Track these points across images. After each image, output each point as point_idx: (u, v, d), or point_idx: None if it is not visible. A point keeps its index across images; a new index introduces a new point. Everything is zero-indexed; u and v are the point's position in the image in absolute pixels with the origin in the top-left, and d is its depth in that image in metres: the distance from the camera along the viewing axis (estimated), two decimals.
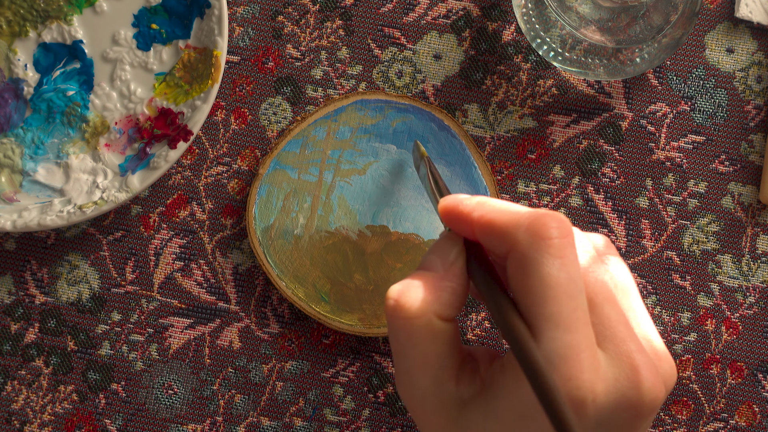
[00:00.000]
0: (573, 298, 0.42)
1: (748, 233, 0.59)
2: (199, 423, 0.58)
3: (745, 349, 0.58)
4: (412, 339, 0.43)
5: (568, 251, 0.42)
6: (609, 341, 0.43)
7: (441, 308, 0.43)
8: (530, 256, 0.42)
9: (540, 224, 0.42)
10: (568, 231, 0.42)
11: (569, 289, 0.42)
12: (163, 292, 0.58)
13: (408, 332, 0.43)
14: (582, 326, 0.42)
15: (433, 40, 0.59)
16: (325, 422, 0.58)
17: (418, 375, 0.44)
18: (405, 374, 0.44)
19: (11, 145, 0.57)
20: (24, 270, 0.58)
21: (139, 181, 0.56)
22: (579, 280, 0.42)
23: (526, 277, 0.42)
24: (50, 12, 0.57)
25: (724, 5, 0.59)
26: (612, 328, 0.43)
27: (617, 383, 0.42)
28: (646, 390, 0.42)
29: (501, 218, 0.43)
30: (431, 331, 0.43)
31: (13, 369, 0.58)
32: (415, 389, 0.44)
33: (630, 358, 0.43)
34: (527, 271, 0.42)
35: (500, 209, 0.44)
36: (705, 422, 0.58)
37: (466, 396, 0.44)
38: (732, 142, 0.59)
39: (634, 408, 0.42)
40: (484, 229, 0.43)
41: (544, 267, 0.42)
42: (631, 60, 0.55)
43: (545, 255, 0.42)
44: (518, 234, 0.42)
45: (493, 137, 0.59)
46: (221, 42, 0.56)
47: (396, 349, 0.44)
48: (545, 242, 0.42)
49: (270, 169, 0.57)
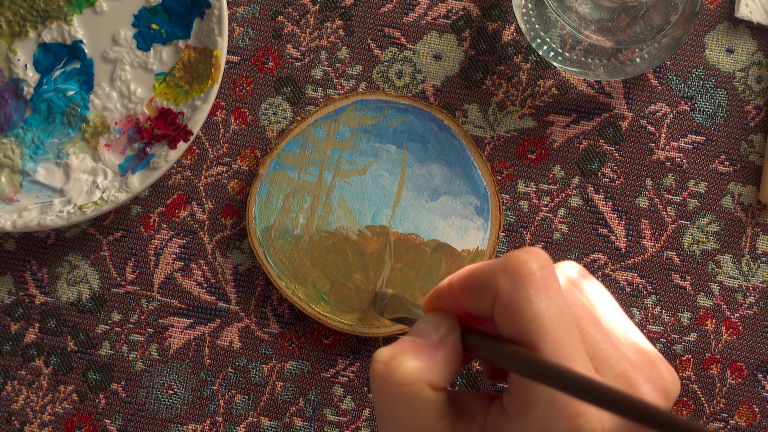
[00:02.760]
0: (567, 331, 0.41)
1: (748, 233, 0.59)
2: (199, 423, 0.58)
3: (745, 349, 0.58)
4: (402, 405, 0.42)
5: (552, 282, 0.41)
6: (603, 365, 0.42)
7: (434, 377, 0.42)
8: (516, 297, 0.41)
9: (516, 261, 0.41)
10: (546, 261, 0.42)
11: (562, 323, 0.41)
12: (163, 292, 0.58)
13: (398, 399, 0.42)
14: (580, 357, 0.41)
15: (433, 40, 0.59)
16: (325, 422, 0.58)
17: None
18: None
19: (11, 145, 0.57)
20: (24, 270, 0.58)
21: (139, 181, 0.56)
22: (567, 310, 0.41)
23: (516, 320, 0.41)
24: (50, 12, 0.57)
25: (724, 5, 0.59)
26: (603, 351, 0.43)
27: None
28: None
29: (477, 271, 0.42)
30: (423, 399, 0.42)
31: (13, 369, 0.58)
32: None
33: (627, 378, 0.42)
34: (517, 312, 0.41)
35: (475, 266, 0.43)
36: (705, 422, 0.58)
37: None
38: (732, 142, 0.59)
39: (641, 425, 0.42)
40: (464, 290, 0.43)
41: (533, 304, 0.41)
42: (631, 60, 0.55)
43: (531, 291, 0.41)
44: (499, 279, 0.41)
45: (493, 137, 0.59)
46: (221, 42, 0.56)
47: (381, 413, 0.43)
48: (527, 278, 0.41)
49: (270, 169, 0.57)
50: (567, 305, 0.41)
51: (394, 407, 0.42)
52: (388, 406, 0.43)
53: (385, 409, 0.43)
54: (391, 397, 0.42)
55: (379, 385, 0.42)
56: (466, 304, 0.43)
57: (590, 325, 0.43)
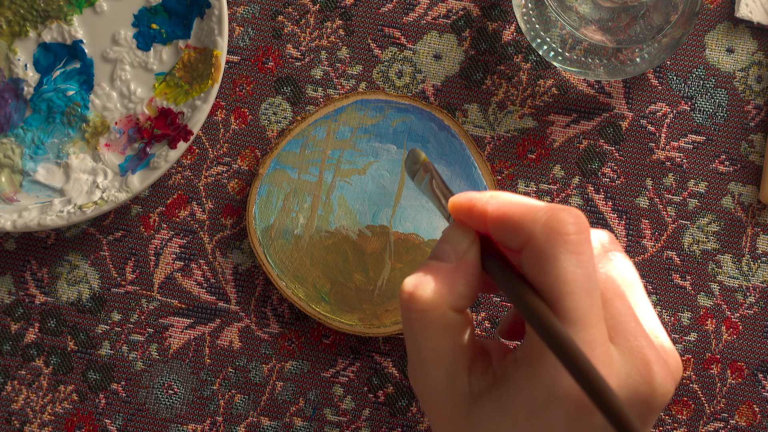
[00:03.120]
0: (589, 295, 0.42)
1: (748, 233, 0.59)
2: (199, 423, 0.58)
3: (746, 349, 0.58)
4: (426, 331, 0.43)
5: (585, 247, 0.42)
6: (621, 336, 0.43)
7: (455, 300, 0.43)
8: (547, 252, 0.42)
9: (557, 219, 0.42)
10: (585, 227, 0.42)
11: (586, 286, 0.42)
12: (163, 292, 0.58)
13: (422, 325, 0.43)
14: (597, 322, 0.42)
15: (433, 40, 0.59)
16: (325, 422, 0.58)
17: (431, 367, 0.44)
18: (418, 366, 0.44)
19: (11, 145, 0.57)
20: (24, 270, 0.58)
21: (139, 181, 0.56)
22: (595, 276, 0.42)
23: (542, 272, 0.42)
24: (50, 12, 0.57)
25: (724, 5, 0.59)
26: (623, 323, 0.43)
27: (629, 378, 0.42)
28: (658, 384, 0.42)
29: (517, 212, 0.43)
30: (445, 323, 0.43)
31: (13, 369, 0.58)
32: (427, 382, 0.44)
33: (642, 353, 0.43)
34: (544, 266, 0.42)
35: (515, 202, 0.43)
36: (705, 422, 0.58)
37: (478, 390, 0.44)
38: (732, 142, 0.59)
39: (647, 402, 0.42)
40: (499, 223, 0.43)
41: (562, 263, 0.41)
42: (631, 60, 0.55)
43: (562, 251, 0.42)
44: (535, 229, 0.42)
45: (493, 137, 0.59)
46: (221, 42, 0.56)
47: (410, 341, 0.44)
48: (562, 238, 0.42)
49: (270, 169, 0.57)
50: (595, 272, 0.42)
51: (421, 334, 0.44)
52: (416, 334, 0.44)
53: (413, 337, 0.44)
54: (417, 323, 0.44)
55: (406, 312, 0.44)
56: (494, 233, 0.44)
57: (615, 296, 0.44)
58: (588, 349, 0.41)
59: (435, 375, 0.44)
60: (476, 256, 0.44)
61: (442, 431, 0.45)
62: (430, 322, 0.43)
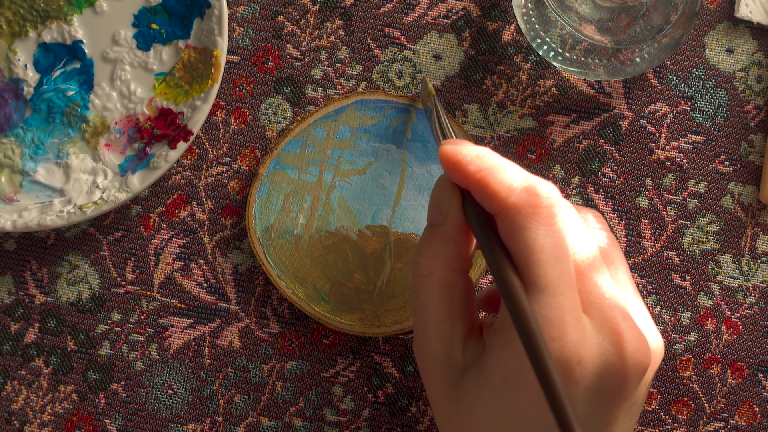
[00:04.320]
0: (559, 263, 0.42)
1: (748, 233, 0.59)
2: (199, 423, 0.58)
3: (746, 349, 0.58)
4: (428, 294, 0.46)
5: (555, 219, 0.43)
6: (594, 307, 0.43)
7: (452, 260, 0.45)
8: (518, 222, 0.43)
9: (530, 192, 0.43)
10: (556, 199, 0.43)
11: (555, 254, 0.42)
12: (163, 292, 0.58)
13: (424, 289, 0.46)
14: (567, 290, 0.42)
15: (433, 40, 0.59)
16: (325, 422, 0.58)
17: (431, 335, 0.46)
18: (421, 334, 0.46)
19: (11, 145, 0.57)
20: (24, 270, 0.58)
21: (139, 181, 0.56)
22: (565, 246, 0.43)
23: (513, 242, 0.43)
24: (50, 12, 0.57)
25: (724, 5, 0.59)
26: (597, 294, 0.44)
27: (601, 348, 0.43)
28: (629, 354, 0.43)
29: (494, 180, 0.44)
30: (445, 285, 0.45)
31: (13, 369, 0.58)
32: (428, 351, 0.46)
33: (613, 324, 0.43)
34: (515, 236, 0.43)
35: (496, 168, 0.45)
36: (705, 422, 0.58)
37: (469, 362, 0.45)
38: (732, 142, 0.59)
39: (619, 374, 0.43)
40: (477, 188, 0.45)
41: (531, 232, 0.43)
42: (631, 60, 0.55)
43: (533, 221, 0.43)
44: (508, 199, 0.43)
45: (493, 137, 0.59)
46: (221, 42, 0.56)
47: (415, 309, 0.47)
48: (533, 210, 0.43)
49: (270, 169, 0.57)
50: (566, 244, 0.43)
51: (424, 297, 0.46)
52: (420, 299, 0.46)
53: (418, 303, 0.47)
54: (421, 289, 0.46)
55: (413, 282, 0.47)
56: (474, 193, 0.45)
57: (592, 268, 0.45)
58: (557, 316, 0.41)
59: (434, 344, 0.46)
60: (458, 210, 0.46)
61: (435, 399, 0.46)
62: (432, 285, 0.45)
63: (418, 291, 0.46)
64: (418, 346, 0.47)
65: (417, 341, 0.47)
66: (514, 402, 0.43)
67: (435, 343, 0.46)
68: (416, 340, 0.47)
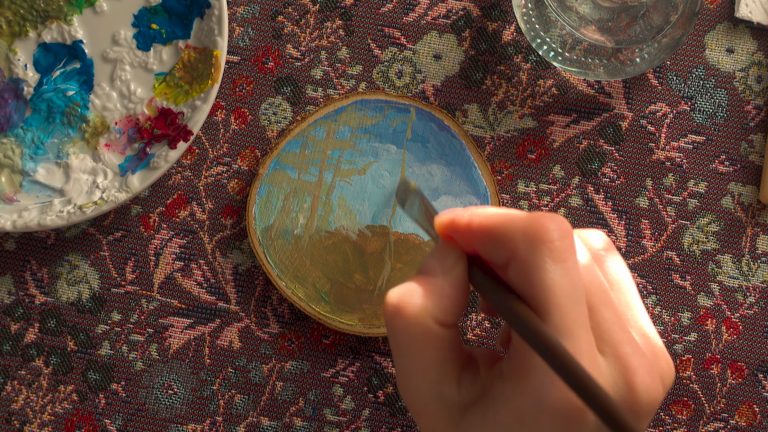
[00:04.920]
0: (576, 305, 0.41)
1: (748, 233, 0.59)
2: (199, 423, 0.58)
3: (746, 349, 0.58)
4: (412, 344, 0.43)
5: (569, 254, 0.42)
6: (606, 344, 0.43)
7: (440, 314, 0.43)
8: (532, 262, 0.41)
9: (538, 226, 0.42)
10: (567, 232, 0.42)
11: (572, 296, 0.41)
12: (163, 292, 0.58)
13: (407, 337, 0.43)
14: (584, 332, 0.41)
15: (433, 40, 0.59)
16: (325, 422, 0.58)
17: (418, 380, 0.44)
18: (406, 378, 0.44)
19: (11, 145, 0.57)
20: (24, 270, 0.58)
21: (139, 181, 0.56)
22: (581, 285, 0.42)
23: (528, 285, 0.41)
24: (50, 12, 0.57)
25: (724, 5, 0.59)
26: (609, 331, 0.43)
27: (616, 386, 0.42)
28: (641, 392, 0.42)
29: (497, 222, 0.42)
30: (430, 337, 0.43)
31: (13, 369, 0.58)
32: (416, 393, 0.44)
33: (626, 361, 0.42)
34: (530, 278, 0.41)
35: (496, 214, 0.43)
36: (705, 422, 0.58)
37: (467, 400, 0.43)
38: (732, 142, 0.59)
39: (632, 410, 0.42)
40: (482, 237, 0.43)
41: (548, 273, 0.41)
42: (631, 60, 0.55)
43: (547, 260, 0.41)
44: (516, 238, 0.42)
45: (493, 137, 0.59)
46: (221, 42, 0.56)
47: (396, 354, 0.44)
48: (546, 246, 0.41)
49: (270, 169, 0.57)
50: (580, 279, 0.42)
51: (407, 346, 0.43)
52: (401, 346, 0.43)
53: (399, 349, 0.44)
54: (403, 336, 0.43)
55: (391, 326, 0.43)
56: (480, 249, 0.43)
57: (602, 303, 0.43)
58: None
59: (423, 387, 0.43)
60: (463, 270, 0.44)
61: None
62: (415, 335, 0.43)
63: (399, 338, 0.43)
64: (404, 389, 0.44)
65: (403, 384, 0.44)
66: None
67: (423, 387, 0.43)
68: (401, 383, 0.44)
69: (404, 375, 0.44)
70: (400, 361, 0.44)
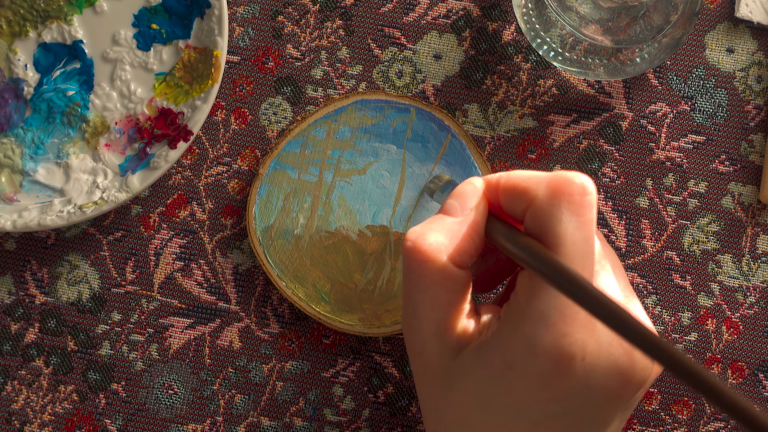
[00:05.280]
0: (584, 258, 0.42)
1: (748, 233, 0.59)
2: (199, 423, 0.58)
3: (746, 349, 0.58)
4: (425, 281, 0.44)
5: (587, 210, 0.42)
6: None
7: (457, 254, 0.44)
8: (549, 211, 0.42)
9: (562, 179, 0.42)
10: (590, 189, 0.42)
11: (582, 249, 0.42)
12: (163, 292, 0.58)
13: (422, 275, 0.44)
14: None
15: (433, 40, 0.59)
16: (325, 422, 0.58)
17: (423, 319, 0.44)
18: (412, 318, 0.45)
19: (11, 145, 0.57)
20: (24, 270, 0.58)
21: (139, 181, 0.56)
22: (593, 243, 0.42)
23: (542, 232, 0.42)
24: (50, 12, 0.57)
25: (724, 5, 0.59)
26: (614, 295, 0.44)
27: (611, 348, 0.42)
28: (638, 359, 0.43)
29: (524, 177, 0.43)
30: (444, 276, 0.44)
31: (13, 369, 0.58)
32: (419, 334, 0.44)
33: None
34: (545, 225, 0.42)
35: (525, 172, 0.44)
36: (705, 422, 0.58)
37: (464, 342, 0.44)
38: (732, 142, 0.59)
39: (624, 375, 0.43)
40: (508, 191, 0.44)
41: (562, 223, 0.41)
42: (631, 60, 0.55)
43: (564, 212, 0.42)
44: (539, 190, 0.42)
45: (493, 137, 0.59)
46: (221, 42, 0.56)
47: (408, 292, 0.45)
48: (565, 197, 0.42)
49: (270, 169, 0.57)
50: (593, 237, 0.42)
51: (419, 284, 0.44)
52: (414, 284, 0.44)
53: (411, 287, 0.44)
54: (417, 275, 0.44)
55: (407, 262, 0.44)
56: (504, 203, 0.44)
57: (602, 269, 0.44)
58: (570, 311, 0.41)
59: (427, 328, 0.44)
60: (483, 214, 0.45)
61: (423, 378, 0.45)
62: (430, 273, 0.44)
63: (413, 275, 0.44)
64: (408, 330, 0.45)
65: (408, 325, 0.45)
66: (512, 389, 0.42)
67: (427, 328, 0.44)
68: (406, 323, 0.45)
69: (411, 313, 0.45)
70: (409, 299, 0.45)
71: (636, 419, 0.58)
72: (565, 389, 0.42)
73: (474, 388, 0.43)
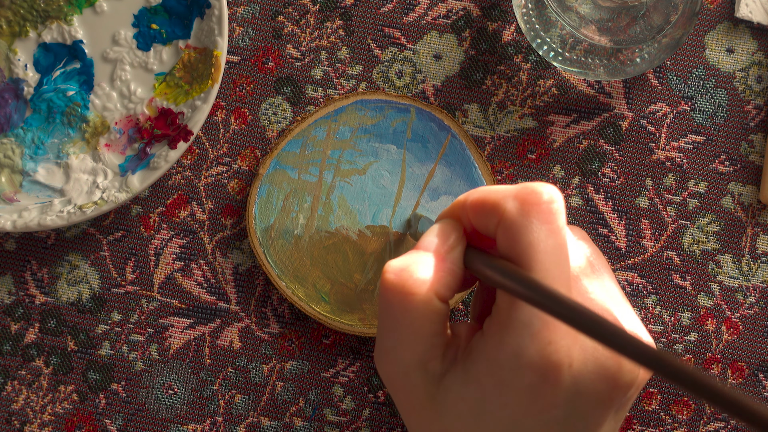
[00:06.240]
0: (558, 266, 0.42)
1: (748, 233, 0.59)
2: (199, 423, 0.58)
3: (746, 349, 0.58)
4: (408, 315, 0.43)
5: (556, 217, 0.42)
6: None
7: (442, 289, 0.44)
8: (518, 222, 0.42)
9: (529, 190, 0.43)
10: (556, 197, 0.43)
11: (556, 256, 0.42)
12: (163, 292, 0.58)
13: (406, 308, 0.43)
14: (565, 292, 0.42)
15: (433, 40, 0.59)
16: (325, 422, 0.58)
17: (405, 351, 0.44)
18: (390, 350, 0.44)
19: (11, 145, 0.57)
20: (24, 270, 0.58)
21: (139, 181, 0.56)
22: (566, 248, 0.43)
23: (514, 244, 0.42)
24: (50, 12, 0.57)
25: (724, 5, 0.59)
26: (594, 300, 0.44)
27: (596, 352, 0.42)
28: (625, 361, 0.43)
29: (491, 192, 0.44)
30: (430, 310, 0.43)
31: (13, 369, 0.58)
32: (399, 366, 0.44)
33: None
34: (516, 237, 0.42)
35: (490, 188, 0.44)
36: (705, 422, 0.58)
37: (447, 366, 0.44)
38: (732, 142, 0.59)
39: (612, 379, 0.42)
40: (476, 208, 0.44)
41: (533, 233, 0.42)
42: (631, 60, 0.55)
43: (533, 221, 0.42)
44: (507, 203, 0.43)
45: (493, 137, 0.59)
46: (221, 42, 0.56)
47: (387, 326, 0.44)
48: (533, 207, 0.42)
49: (270, 169, 0.57)
50: (565, 243, 0.42)
51: (402, 318, 0.44)
52: (395, 317, 0.44)
53: (391, 321, 0.44)
54: (399, 307, 0.44)
55: (388, 296, 0.44)
56: (475, 221, 0.44)
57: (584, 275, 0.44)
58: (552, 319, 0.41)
59: (408, 359, 0.44)
60: (462, 251, 0.45)
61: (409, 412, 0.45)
62: (415, 307, 0.43)
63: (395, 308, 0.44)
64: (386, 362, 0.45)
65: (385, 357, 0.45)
66: (505, 404, 0.42)
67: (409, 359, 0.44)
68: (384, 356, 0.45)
69: (389, 347, 0.44)
70: (389, 331, 0.44)
71: (636, 419, 0.58)
72: (555, 398, 0.42)
73: (465, 410, 0.43)
